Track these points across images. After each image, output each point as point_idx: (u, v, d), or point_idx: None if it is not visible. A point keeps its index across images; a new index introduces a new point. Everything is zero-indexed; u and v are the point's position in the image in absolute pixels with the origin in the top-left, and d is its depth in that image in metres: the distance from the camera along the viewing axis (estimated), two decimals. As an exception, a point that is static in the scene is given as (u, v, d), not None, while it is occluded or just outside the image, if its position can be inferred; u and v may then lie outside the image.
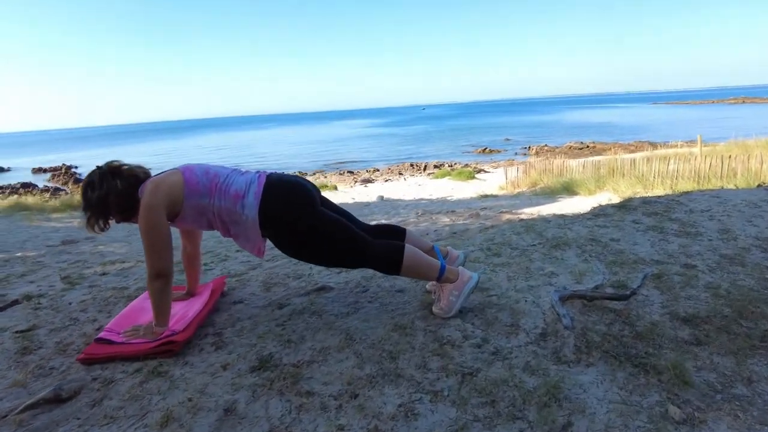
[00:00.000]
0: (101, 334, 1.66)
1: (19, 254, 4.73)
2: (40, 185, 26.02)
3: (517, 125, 59.61)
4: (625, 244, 2.44)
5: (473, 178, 17.14)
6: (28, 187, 24.81)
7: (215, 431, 1.21)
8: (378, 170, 25.56)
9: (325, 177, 23.09)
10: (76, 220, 7.86)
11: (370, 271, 2.30)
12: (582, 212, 3.34)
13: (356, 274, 2.25)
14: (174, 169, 1.72)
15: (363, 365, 1.47)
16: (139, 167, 1.78)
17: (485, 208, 7.25)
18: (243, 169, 1.78)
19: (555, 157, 14.18)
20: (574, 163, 11.14)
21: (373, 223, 2.05)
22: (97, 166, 1.71)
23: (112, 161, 1.73)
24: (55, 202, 10.29)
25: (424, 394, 1.32)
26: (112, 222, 1.72)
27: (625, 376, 1.36)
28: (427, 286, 1.98)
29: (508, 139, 38.87)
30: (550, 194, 9.08)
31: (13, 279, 2.59)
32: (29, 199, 10.50)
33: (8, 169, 38.93)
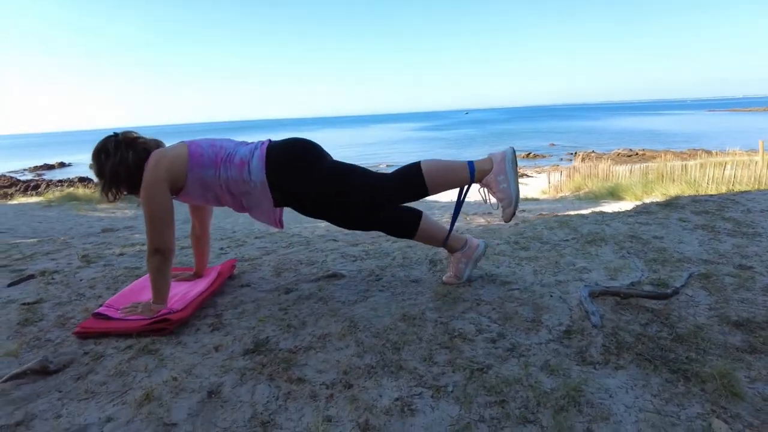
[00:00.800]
0: (99, 309, 1.61)
1: (61, 239, 4.89)
2: (96, 180, 27.35)
3: (564, 130, 58.07)
4: (669, 242, 2.20)
5: (515, 181, 16.78)
6: (84, 180, 26.18)
7: (194, 414, 1.12)
8: (418, 172, 25.47)
9: (365, 178, 23.18)
10: (119, 211, 8.15)
11: (384, 259, 2.17)
12: (623, 210, 3.09)
13: (371, 263, 2.13)
14: (180, 142, 1.66)
15: (363, 354, 1.34)
16: (154, 140, 1.73)
17: (524, 211, 6.99)
18: (245, 142, 1.70)
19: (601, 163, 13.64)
20: (621, 168, 10.64)
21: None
22: (114, 134, 1.67)
23: (128, 131, 1.69)
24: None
25: (426, 388, 1.18)
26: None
27: (661, 382, 1.17)
28: (444, 278, 1.83)
29: (553, 145, 37.89)
30: (594, 199, 8.68)
31: (38, 256, 2.61)
32: (80, 191, 11.01)
33: (69, 164, 41.36)
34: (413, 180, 1.62)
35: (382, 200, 1.63)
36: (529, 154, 32.05)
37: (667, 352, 1.29)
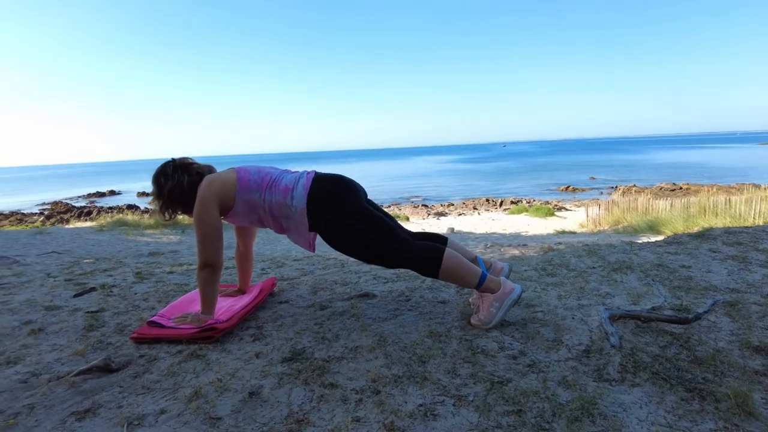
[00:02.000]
0: (153, 318, 1.78)
1: (114, 258, 5.21)
2: (142, 207, 28.78)
3: (604, 164, 56.95)
4: (697, 271, 2.22)
5: (552, 215, 16.49)
6: (132, 208, 27.52)
7: (237, 411, 1.24)
8: (453, 204, 25.44)
9: (399, 209, 23.32)
10: (164, 236, 8.57)
11: (414, 282, 2.28)
12: (653, 240, 3.08)
13: (401, 284, 2.24)
14: (231, 168, 1.84)
15: (391, 366, 1.44)
16: (207, 165, 1.93)
17: (560, 243, 6.92)
18: (292, 171, 1.86)
19: (640, 196, 13.31)
20: (661, 202, 10.39)
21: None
22: (172, 159, 1.88)
23: (184, 157, 1.89)
24: (149, 220, 11.29)
25: (448, 397, 1.27)
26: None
27: (676, 400, 1.21)
28: (470, 299, 1.91)
29: (593, 178, 37.19)
30: (633, 233, 8.50)
31: (97, 273, 2.86)
32: (129, 217, 11.64)
33: (119, 192, 43.66)
34: (430, 264, 1.67)
35: (396, 259, 1.72)
36: (568, 187, 31.54)
37: (684, 373, 1.33)
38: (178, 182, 1.80)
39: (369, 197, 1.91)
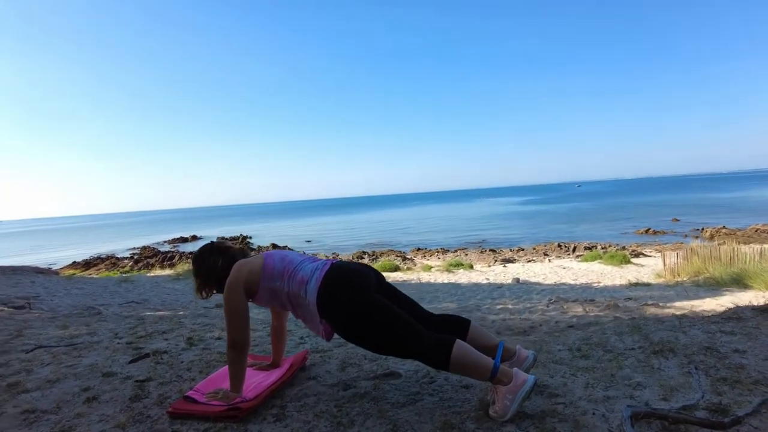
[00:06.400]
0: (189, 393, 1.92)
1: (180, 312, 5.61)
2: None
3: (690, 203, 53.07)
4: (752, 358, 2.02)
5: (628, 262, 15.49)
6: (210, 253, 29.24)
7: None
8: (522, 249, 24.70)
9: (466, 255, 22.98)
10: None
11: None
12: (708, 313, 2.84)
13: (427, 363, 2.24)
14: (259, 254, 1.99)
15: (398, 459, 1.46)
16: (240, 249, 2.10)
17: (630, 299, 6.51)
18: (315, 258, 1.97)
19: (732, 242, 12.13)
20: (748, 249, 9.47)
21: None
22: (210, 242, 2.07)
23: (221, 240, 2.08)
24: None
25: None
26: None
27: None
28: (490, 411, 1.84)
29: (676, 220, 34.68)
30: (715, 286, 7.79)
31: (155, 335, 3.11)
32: (204, 265, 12.41)
33: (200, 238, 46.80)
34: (438, 357, 1.69)
35: (403, 353, 1.75)
36: (648, 230, 29.61)
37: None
38: (213, 264, 1.98)
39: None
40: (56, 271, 13.86)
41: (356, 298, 1.76)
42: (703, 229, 26.88)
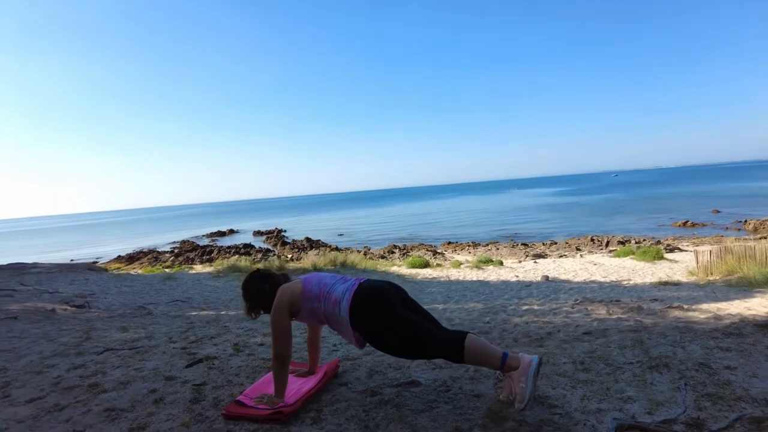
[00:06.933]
0: (239, 397, 2.26)
1: (222, 311, 6.05)
2: (257, 246, 31.53)
3: (732, 194, 51.02)
4: (740, 375, 2.21)
5: (661, 258, 15.24)
6: (248, 247, 30.25)
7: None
8: (555, 243, 24.51)
9: (497, 249, 23.01)
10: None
11: (457, 372, 2.55)
12: (713, 327, 2.99)
13: (444, 373, 2.53)
14: (298, 279, 2.32)
15: (414, 460, 1.75)
16: (283, 274, 2.43)
17: (655, 300, 6.57)
18: (345, 279, 2.29)
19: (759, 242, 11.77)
20: (784, 248, 9.26)
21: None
22: (258, 269, 2.42)
23: (268, 269, 2.42)
24: (259, 266, 12.51)
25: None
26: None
27: None
28: (500, 397, 2.14)
29: (717, 211, 33.50)
30: (747, 287, 7.70)
31: (205, 340, 3.50)
32: (241, 263, 12.99)
33: (237, 231, 48.20)
34: (454, 351, 2.02)
35: (423, 354, 2.10)
36: (686, 222, 28.77)
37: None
38: (261, 289, 2.32)
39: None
40: (106, 269, 14.75)
41: (381, 311, 2.10)
42: (746, 221, 25.95)
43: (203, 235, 45.41)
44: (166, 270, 16.74)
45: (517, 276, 12.07)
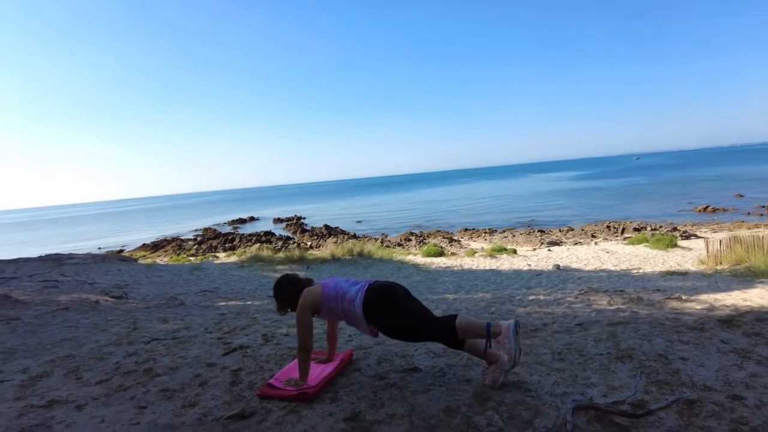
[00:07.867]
0: (271, 380, 2.75)
1: (249, 301, 6.59)
2: (277, 233, 32.26)
3: (756, 177, 49.91)
4: (690, 365, 2.60)
5: (674, 246, 15.35)
6: (268, 234, 30.98)
7: (312, 452, 2.11)
8: (572, 230, 24.63)
9: (513, 236, 23.25)
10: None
11: (454, 359, 2.99)
12: (681, 322, 3.37)
13: (442, 361, 2.97)
14: (319, 283, 2.78)
15: (411, 430, 2.21)
16: (307, 279, 2.90)
17: (658, 290, 6.87)
18: (357, 282, 2.74)
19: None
20: (794, 239, 9.40)
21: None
22: (286, 274, 2.90)
23: (295, 274, 2.90)
24: (281, 256, 13.06)
25: (439, 458, 2.00)
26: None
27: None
28: (486, 381, 2.58)
29: (740, 196, 32.98)
30: (752, 277, 7.90)
31: (237, 330, 4.02)
32: (264, 252, 13.57)
33: (258, 219, 49.09)
34: (450, 331, 2.53)
35: (424, 337, 2.56)
36: (707, 207, 28.45)
37: (605, 459, 1.90)
38: (289, 291, 2.79)
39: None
40: (135, 258, 15.54)
41: (388, 304, 2.58)
42: (768, 206, 25.61)
43: (224, 223, 46.47)
44: (191, 258, 17.49)
45: (530, 265, 12.39)
